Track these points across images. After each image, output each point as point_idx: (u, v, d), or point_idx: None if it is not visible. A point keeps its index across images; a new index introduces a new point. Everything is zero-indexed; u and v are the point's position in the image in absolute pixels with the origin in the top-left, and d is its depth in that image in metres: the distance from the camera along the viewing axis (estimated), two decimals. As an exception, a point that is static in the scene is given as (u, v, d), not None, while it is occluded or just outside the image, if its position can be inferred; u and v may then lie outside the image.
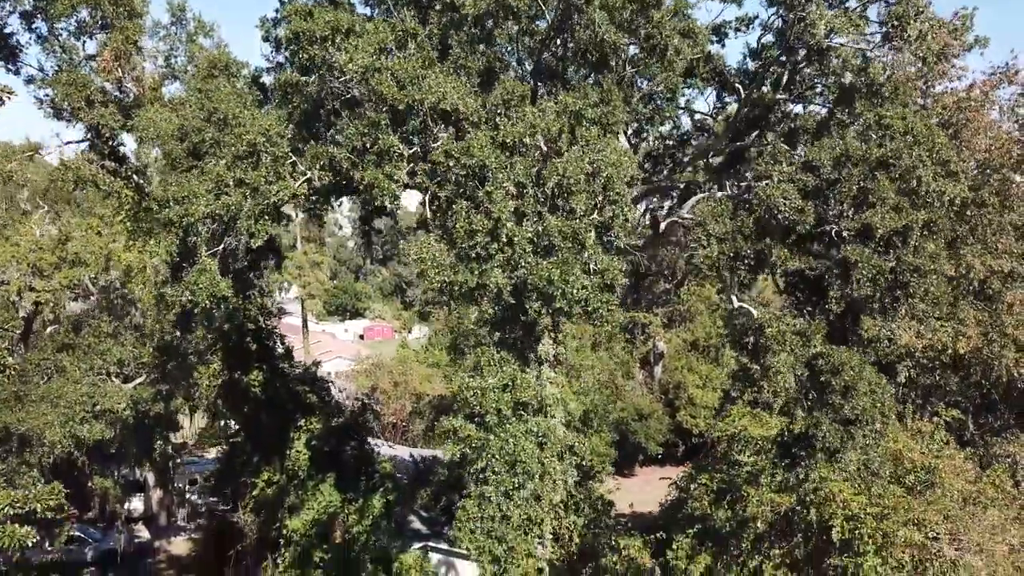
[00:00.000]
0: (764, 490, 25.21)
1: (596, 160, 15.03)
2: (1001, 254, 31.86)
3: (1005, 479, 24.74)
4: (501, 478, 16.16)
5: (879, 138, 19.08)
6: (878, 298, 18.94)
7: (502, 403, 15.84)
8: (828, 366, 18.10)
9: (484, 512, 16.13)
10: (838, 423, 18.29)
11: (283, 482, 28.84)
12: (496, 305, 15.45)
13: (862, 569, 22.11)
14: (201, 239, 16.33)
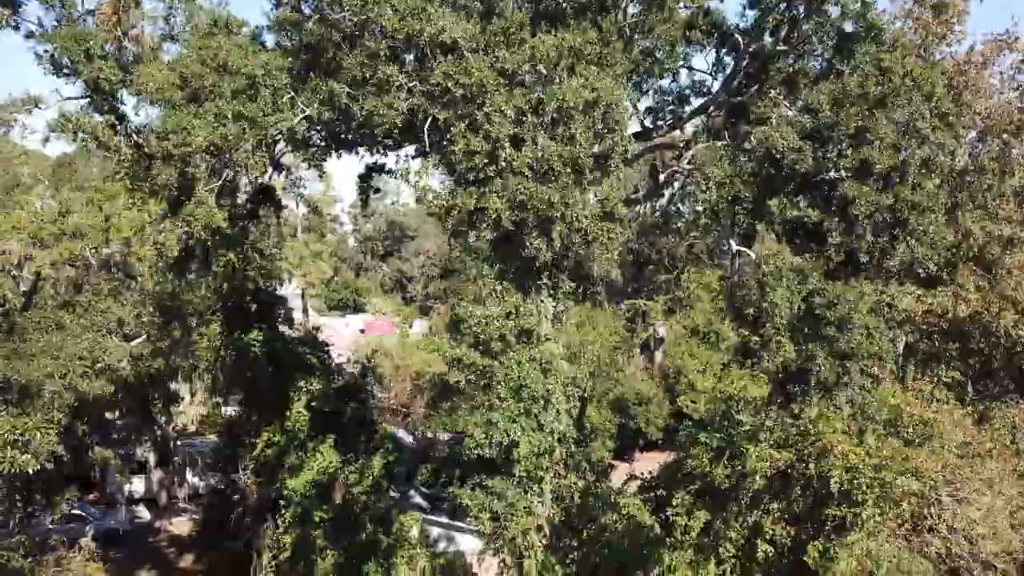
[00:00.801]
0: (763, 446, 25.22)
1: (596, 88, 15.07)
2: (1000, 220, 31.94)
3: (1004, 433, 24.82)
4: (507, 403, 16.16)
5: (878, 80, 19.10)
6: (876, 239, 18.94)
7: (506, 329, 15.87)
8: (824, 300, 18.11)
9: (491, 438, 16.11)
10: (833, 356, 18.29)
11: (283, 443, 28.85)
12: (495, 231, 15.48)
13: (860, 518, 22.12)
14: (199, 172, 16.36)
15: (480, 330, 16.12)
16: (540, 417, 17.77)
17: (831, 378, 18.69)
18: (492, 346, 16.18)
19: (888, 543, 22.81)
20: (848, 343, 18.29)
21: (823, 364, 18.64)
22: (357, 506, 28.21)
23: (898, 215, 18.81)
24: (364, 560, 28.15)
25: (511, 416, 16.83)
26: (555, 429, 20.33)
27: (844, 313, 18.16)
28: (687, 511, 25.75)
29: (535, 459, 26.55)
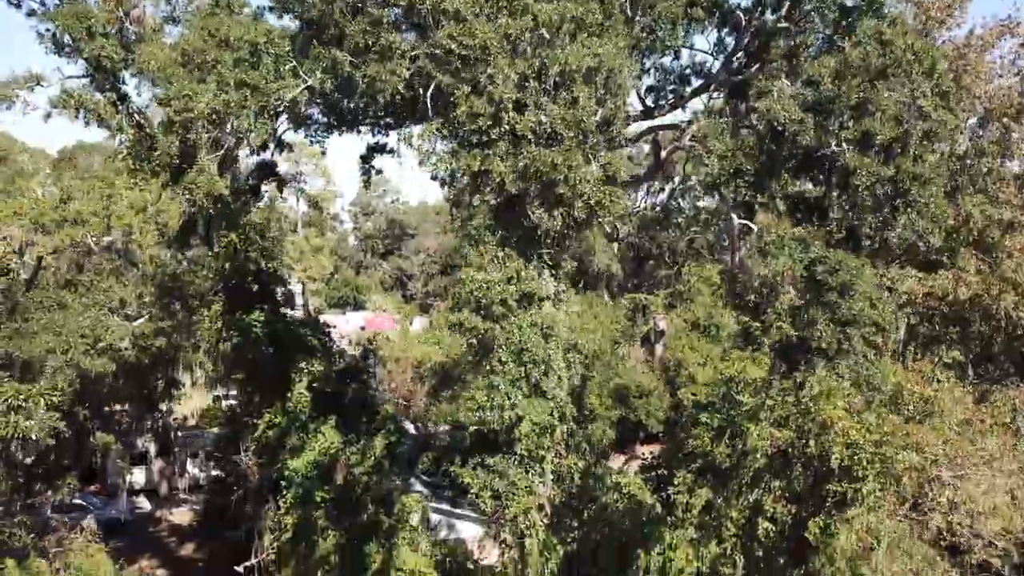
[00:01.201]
0: (763, 425, 25.27)
1: (598, 54, 15.11)
2: (1001, 203, 31.98)
3: (1004, 411, 24.85)
4: (508, 367, 16.20)
5: (880, 53, 19.13)
6: (877, 212, 18.97)
7: (507, 294, 15.91)
8: (826, 267, 18.14)
9: (492, 401, 16.16)
10: (835, 324, 18.32)
11: (284, 424, 28.87)
12: (498, 196, 15.52)
13: (861, 494, 22.15)
14: (201, 141, 16.40)
15: (481, 295, 16.15)
16: (542, 383, 17.77)
17: (833, 345, 18.70)
18: (493, 310, 16.21)
19: (889, 519, 22.83)
20: (850, 310, 18.32)
21: (825, 331, 18.65)
22: (359, 487, 28.22)
23: (899, 187, 18.84)
24: (365, 541, 28.16)
25: (512, 379, 16.83)
26: (556, 395, 20.30)
27: (846, 279, 18.18)
28: (688, 490, 25.78)
29: (536, 438, 26.61)
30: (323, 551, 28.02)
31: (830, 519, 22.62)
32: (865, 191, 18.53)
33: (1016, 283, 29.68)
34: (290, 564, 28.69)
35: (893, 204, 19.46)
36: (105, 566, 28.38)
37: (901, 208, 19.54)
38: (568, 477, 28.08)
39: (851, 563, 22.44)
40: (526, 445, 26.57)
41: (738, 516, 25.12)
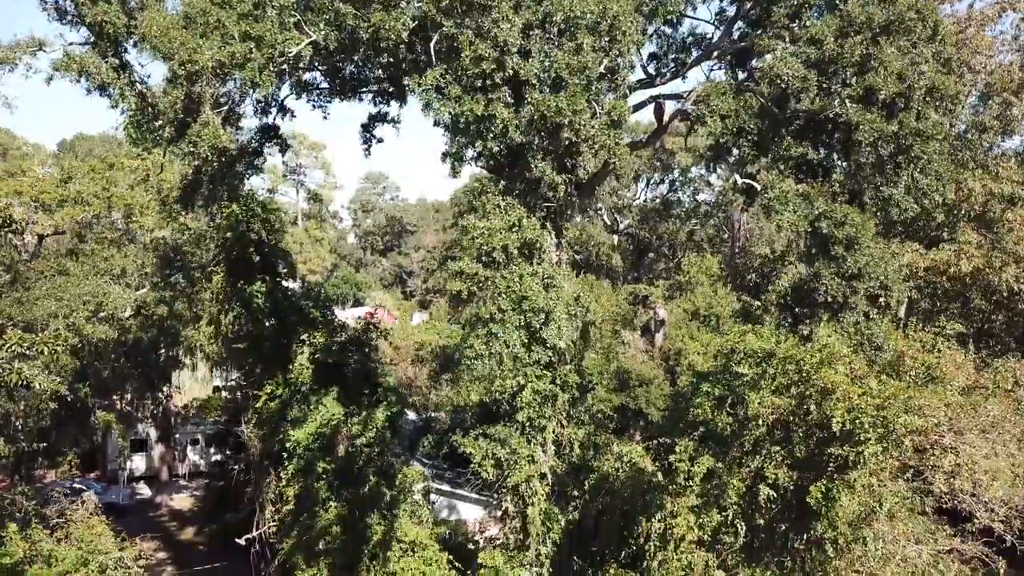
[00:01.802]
0: (764, 393, 25.28)
1: (603, 1, 15.13)
2: (1002, 178, 32.03)
3: (1006, 376, 24.87)
4: (508, 315, 16.21)
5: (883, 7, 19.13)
6: (880, 169, 18.96)
7: (509, 241, 15.91)
8: (831, 222, 18.14)
9: (491, 348, 16.16)
10: (840, 277, 18.33)
11: (286, 395, 28.88)
12: (502, 142, 15.51)
13: (862, 457, 22.15)
14: (205, 95, 16.39)
15: (483, 242, 16.16)
16: (542, 332, 17.75)
17: (838, 297, 18.69)
18: (495, 257, 16.22)
19: (891, 484, 22.83)
20: (855, 263, 18.32)
21: (829, 283, 18.65)
22: (360, 458, 28.23)
23: (902, 143, 18.84)
24: (367, 512, 28.18)
25: (512, 327, 16.82)
26: (556, 346, 20.27)
27: (851, 233, 18.20)
28: (689, 457, 25.80)
29: (538, 407, 26.66)
30: (324, 522, 28.01)
31: (832, 484, 22.63)
32: (868, 147, 18.53)
33: (1018, 256, 29.74)
34: (291, 535, 28.68)
35: (896, 161, 19.44)
36: (107, 538, 28.34)
37: (904, 164, 19.53)
38: (569, 447, 28.11)
39: (853, 527, 22.46)
40: (527, 414, 26.63)
41: (739, 484, 25.13)
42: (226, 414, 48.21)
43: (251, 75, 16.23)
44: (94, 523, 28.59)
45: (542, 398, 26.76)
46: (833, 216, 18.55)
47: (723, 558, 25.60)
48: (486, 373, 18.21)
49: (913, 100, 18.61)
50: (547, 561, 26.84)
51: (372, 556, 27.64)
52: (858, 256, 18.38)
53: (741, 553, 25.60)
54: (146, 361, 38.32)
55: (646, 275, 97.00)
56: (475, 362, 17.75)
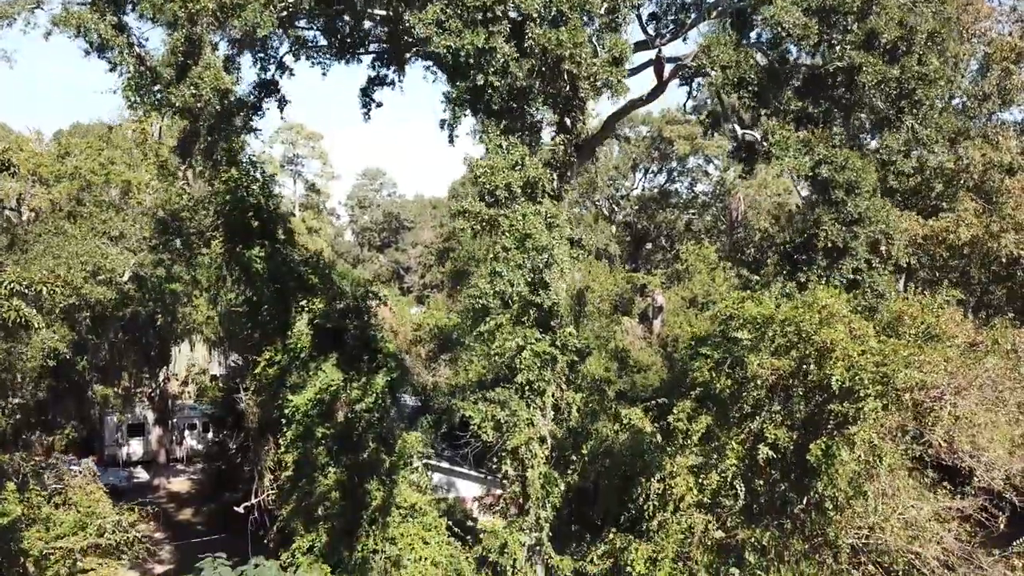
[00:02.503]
0: (763, 355, 25.28)
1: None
2: (1001, 147, 32.06)
3: (1005, 335, 24.84)
4: (512, 254, 16.18)
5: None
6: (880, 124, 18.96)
7: (512, 179, 15.89)
8: (832, 166, 18.12)
9: (495, 287, 16.13)
10: (840, 222, 18.31)
11: (285, 362, 28.80)
12: (502, 78, 15.48)
13: (862, 413, 22.14)
14: (205, 36, 16.34)
15: (486, 180, 16.13)
16: (544, 275, 17.72)
17: (838, 243, 18.66)
18: (497, 194, 16.20)
19: (891, 441, 22.80)
20: (856, 208, 18.31)
21: (830, 229, 18.63)
22: (360, 424, 28.15)
23: (904, 87, 18.83)
24: (366, 478, 28.11)
25: (515, 265, 16.79)
26: (558, 289, 20.21)
27: (852, 178, 18.17)
28: (688, 417, 25.81)
29: (538, 369, 26.64)
30: (323, 487, 27.94)
31: (831, 441, 22.61)
32: (871, 91, 18.52)
33: (1018, 223, 29.73)
34: (290, 501, 28.61)
35: (898, 107, 19.42)
36: (104, 503, 28.31)
37: (907, 109, 19.50)
38: (568, 411, 28.05)
39: (853, 483, 22.44)
40: (527, 376, 26.60)
41: (739, 447, 25.12)
42: (225, 392, 48.11)
43: (252, 16, 16.17)
44: (92, 489, 28.57)
45: (541, 361, 26.75)
46: (834, 161, 18.54)
47: (723, 520, 25.60)
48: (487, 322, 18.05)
49: (915, 44, 18.60)
50: (546, 525, 26.75)
51: (371, 521, 27.57)
52: (858, 201, 18.37)
53: (740, 515, 25.60)
54: (144, 336, 38.23)
55: (644, 266, 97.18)
56: (479, 302, 17.65)
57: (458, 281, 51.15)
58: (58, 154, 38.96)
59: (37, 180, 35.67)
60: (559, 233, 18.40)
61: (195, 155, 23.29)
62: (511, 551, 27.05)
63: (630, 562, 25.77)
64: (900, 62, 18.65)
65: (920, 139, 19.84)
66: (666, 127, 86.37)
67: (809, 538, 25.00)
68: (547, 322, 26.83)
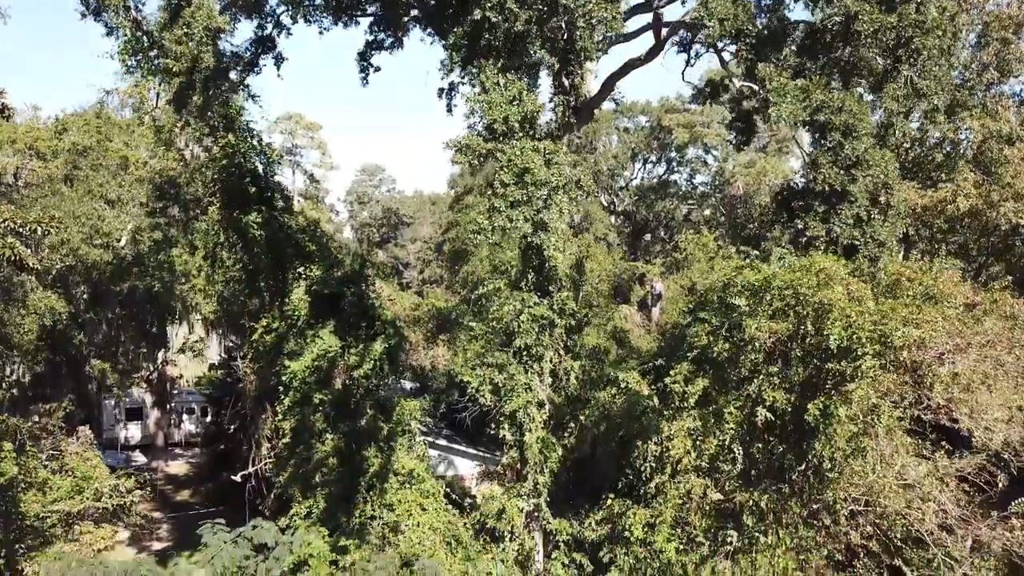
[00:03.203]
0: (761, 319, 25.22)
1: None
2: (1000, 118, 32.01)
3: (1005, 296, 24.81)
4: (510, 190, 16.11)
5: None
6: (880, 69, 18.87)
7: (509, 113, 15.82)
8: (830, 109, 18.05)
9: (494, 223, 16.07)
10: (839, 165, 18.23)
11: (282, 329, 28.74)
12: (500, 14, 15.42)
13: (860, 371, 22.09)
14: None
15: (484, 114, 16.06)
16: (543, 214, 17.63)
17: (836, 186, 18.57)
18: (496, 128, 16.13)
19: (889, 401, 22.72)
20: (854, 151, 18.21)
21: (828, 172, 18.54)
22: (358, 391, 28.08)
23: (901, 35, 18.76)
24: (364, 445, 28.02)
25: (513, 201, 16.71)
26: (558, 229, 20.13)
27: (850, 120, 18.09)
28: (685, 379, 25.73)
29: (536, 334, 26.58)
30: (321, 454, 27.87)
31: (829, 400, 22.56)
32: (868, 41, 18.44)
33: (1017, 192, 29.66)
34: (288, 468, 28.54)
35: (896, 56, 19.34)
36: (101, 470, 28.26)
37: (904, 58, 19.43)
38: (566, 378, 27.99)
39: (851, 442, 22.39)
40: (525, 340, 26.55)
41: (736, 412, 25.07)
42: (223, 372, 48.08)
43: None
44: (89, 456, 28.52)
45: (539, 326, 26.69)
46: (831, 104, 18.48)
47: (721, 485, 25.54)
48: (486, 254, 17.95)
49: (914, -7, 18.58)
50: (544, 491, 26.67)
51: (369, 487, 27.48)
52: (856, 144, 18.30)
53: (738, 480, 25.54)
54: (142, 312, 38.13)
55: (643, 257, 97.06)
56: (478, 237, 17.55)
57: (457, 262, 51.03)
58: (56, 130, 38.86)
59: (34, 154, 35.61)
60: (558, 171, 18.32)
61: (190, 110, 23.21)
62: (509, 516, 27.00)
63: (628, 527, 25.72)
64: (897, 11, 18.61)
65: (919, 90, 19.77)
66: (665, 116, 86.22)
67: (807, 502, 24.96)
68: (545, 287, 26.82)
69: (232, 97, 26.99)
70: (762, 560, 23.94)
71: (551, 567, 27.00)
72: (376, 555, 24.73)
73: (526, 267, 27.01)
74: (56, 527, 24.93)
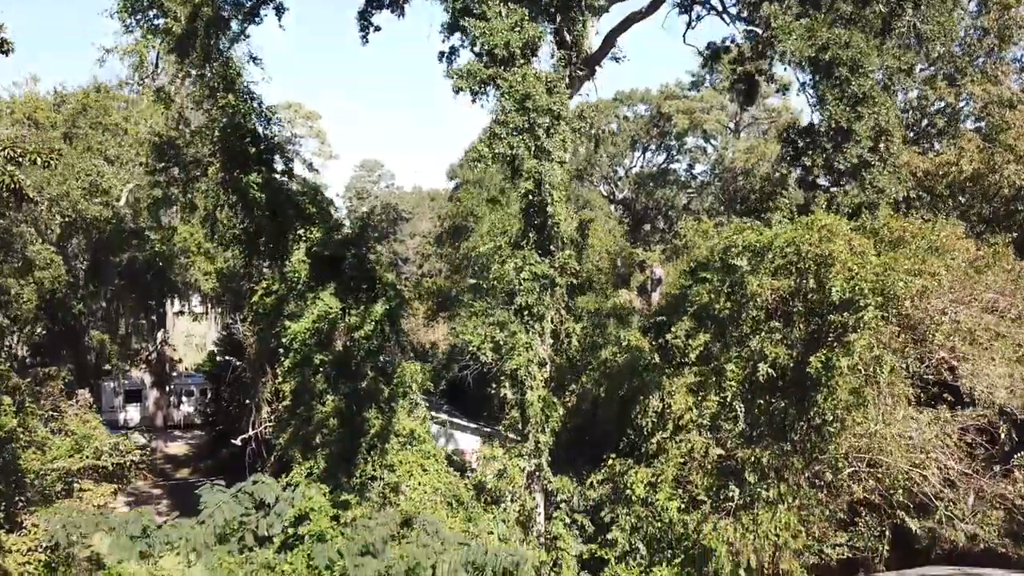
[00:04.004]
0: (763, 276, 25.14)
1: None
2: (1002, 83, 31.98)
3: (1007, 251, 24.75)
4: (511, 116, 16.02)
5: None
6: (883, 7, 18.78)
7: (511, 38, 15.74)
8: (836, 45, 17.96)
9: (495, 150, 15.97)
10: (845, 102, 18.17)
11: (282, 291, 28.65)
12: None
13: (862, 321, 22.00)
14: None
15: (484, 40, 15.97)
16: (545, 143, 17.52)
17: (841, 123, 18.47)
18: (496, 54, 16.03)
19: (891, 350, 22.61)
20: (860, 87, 18.13)
21: (833, 109, 18.46)
22: (359, 352, 27.96)
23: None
24: (364, 406, 27.91)
25: (515, 127, 16.60)
26: (561, 158, 19.98)
27: (855, 56, 18.02)
28: (686, 335, 25.63)
29: (537, 293, 26.49)
30: (321, 415, 27.77)
31: (831, 352, 22.46)
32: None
33: (1019, 154, 29.56)
34: (288, 431, 28.46)
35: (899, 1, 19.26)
36: (100, 431, 28.17)
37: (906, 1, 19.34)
38: (567, 339, 27.90)
39: (854, 393, 22.29)
40: (526, 299, 26.46)
41: (738, 370, 24.98)
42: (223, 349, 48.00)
43: None
44: (88, 417, 28.43)
45: (540, 285, 26.61)
46: (837, 40, 18.40)
47: (722, 443, 25.45)
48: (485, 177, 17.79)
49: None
50: (546, 450, 26.59)
51: (370, 448, 27.40)
52: (862, 81, 18.24)
53: (740, 438, 25.46)
54: (143, 283, 38.01)
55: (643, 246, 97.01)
56: (477, 164, 17.45)
57: (457, 237, 50.97)
58: (55, 102, 38.73)
59: (33, 124, 35.48)
60: (560, 99, 18.21)
61: (191, 61, 23.13)
62: (510, 476, 26.92)
63: (629, 485, 25.65)
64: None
65: (922, 35, 19.69)
66: (664, 103, 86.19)
67: (809, 460, 24.89)
68: (546, 246, 26.74)
69: (232, 58, 26.95)
70: (764, 517, 23.84)
71: (552, 527, 26.93)
72: (377, 512, 24.65)
73: (527, 227, 26.95)
74: (56, 484, 24.84)
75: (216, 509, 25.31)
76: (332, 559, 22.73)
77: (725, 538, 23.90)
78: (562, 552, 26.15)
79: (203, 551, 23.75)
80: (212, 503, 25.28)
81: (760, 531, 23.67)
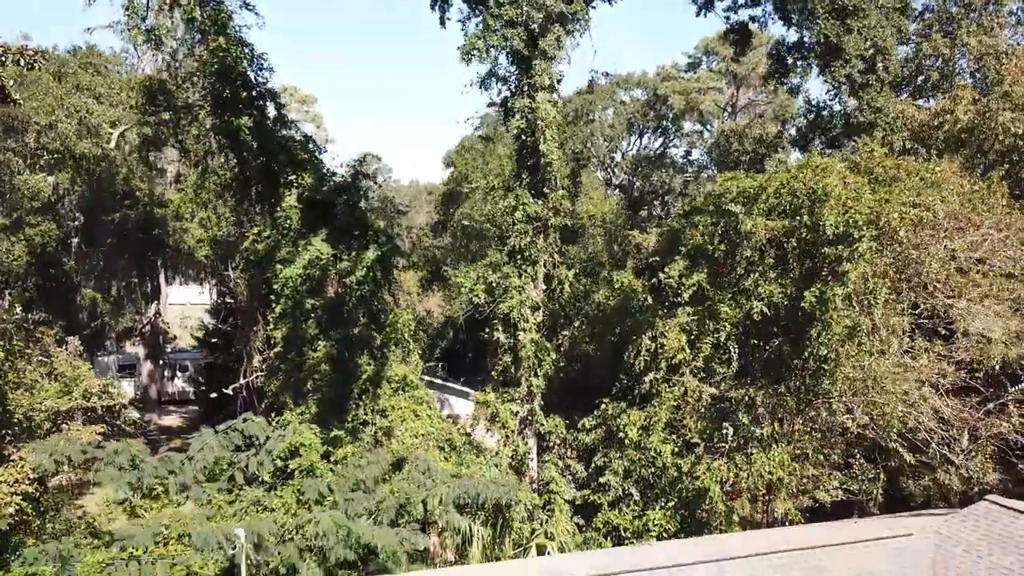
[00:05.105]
0: (757, 216, 24.91)
1: None
2: (998, 35, 31.83)
3: (1001, 186, 24.57)
4: (504, 9, 15.74)
5: None
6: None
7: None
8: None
9: (489, 42, 15.76)
10: (834, 16, 17.98)
11: (274, 237, 28.46)
12: None
13: (856, 252, 21.81)
14: None
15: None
16: (540, 40, 17.28)
17: (832, 39, 18.29)
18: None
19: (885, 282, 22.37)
20: (850, 0, 17.94)
21: (824, 23, 18.27)
22: (351, 299, 27.77)
23: None
24: (356, 352, 27.71)
25: (508, 20, 16.39)
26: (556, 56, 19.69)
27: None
28: (679, 275, 25.40)
29: (530, 235, 26.31)
30: (313, 360, 27.56)
31: (826, 286, 22.26)
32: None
33: (1015, 103, 29.35)
34: (279, 376, 28.27)
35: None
36: (90, 375, 27.96)
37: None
38: (560, 286, 27.70)
39: (849, 329, 22.08)
40: (519, 241, 26.30)
41: (731, 313, 24.76)
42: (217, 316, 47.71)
43: None
44: (78, 364, 28.22)
45: (534, 228, 26.43)
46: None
47: (716, 385, 25.23)
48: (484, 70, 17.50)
49: None
50: (538, 394, 26.41)
51: (362, 393, 27.22)
52: (852, -11, 18.06)
53: (734, 380, 25.27)
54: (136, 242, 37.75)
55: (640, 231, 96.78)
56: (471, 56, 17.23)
57: (452, 204, 50.77)
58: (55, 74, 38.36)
59: (19, 55, 34.89)
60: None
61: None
62: (503, 420, 26.73)
63: (622, 428, 25.43)
64: None
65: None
66: (661, 84, 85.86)
67: (804, 400, 24.70)
68: (540, 188, 26.56)
69: (223, 1, 26.74)
70: (758, 457, 23.62)
71: (544, 471, 26.72)
72: (368, 452, 24.46)
73: (520, 168, 26.78)
74: (44, 423, 24.64)
75: (205, 446, 25.17)
76: (323, 493, 22.67)
77: (719, 478, 23.68)
78: (555, 496, 25.93)
79: (192, 487, 23.60)
80: (199, 440, 25.07)
81: (754, 470, 23.43)
